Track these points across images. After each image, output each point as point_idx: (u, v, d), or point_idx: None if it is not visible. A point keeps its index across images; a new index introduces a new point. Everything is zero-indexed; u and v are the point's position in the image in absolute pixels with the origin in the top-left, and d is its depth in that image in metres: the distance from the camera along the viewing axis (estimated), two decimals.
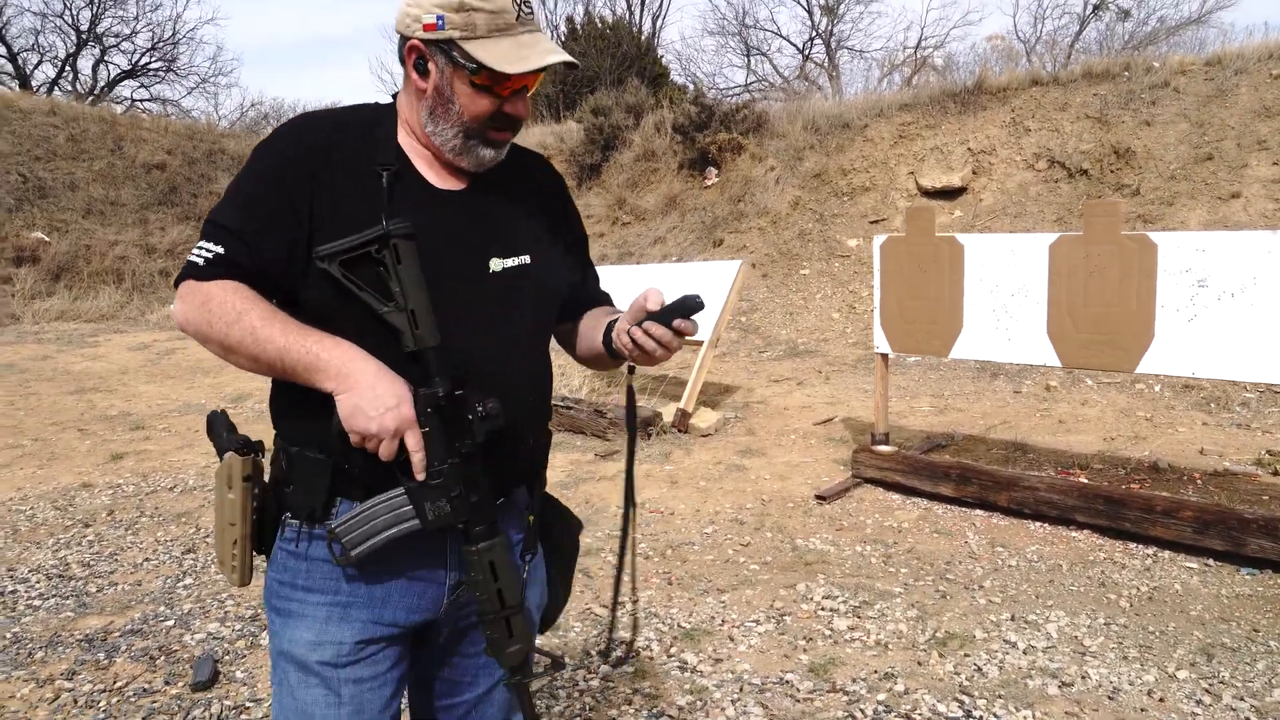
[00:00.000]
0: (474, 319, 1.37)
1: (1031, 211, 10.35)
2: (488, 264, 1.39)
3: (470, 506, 1.31)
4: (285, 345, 1.26)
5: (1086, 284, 4.29)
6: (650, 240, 12.96)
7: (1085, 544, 4.12)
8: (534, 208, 1.50)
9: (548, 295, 1.50)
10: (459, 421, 1.29)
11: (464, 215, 1.41)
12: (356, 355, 1.27)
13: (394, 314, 1.28)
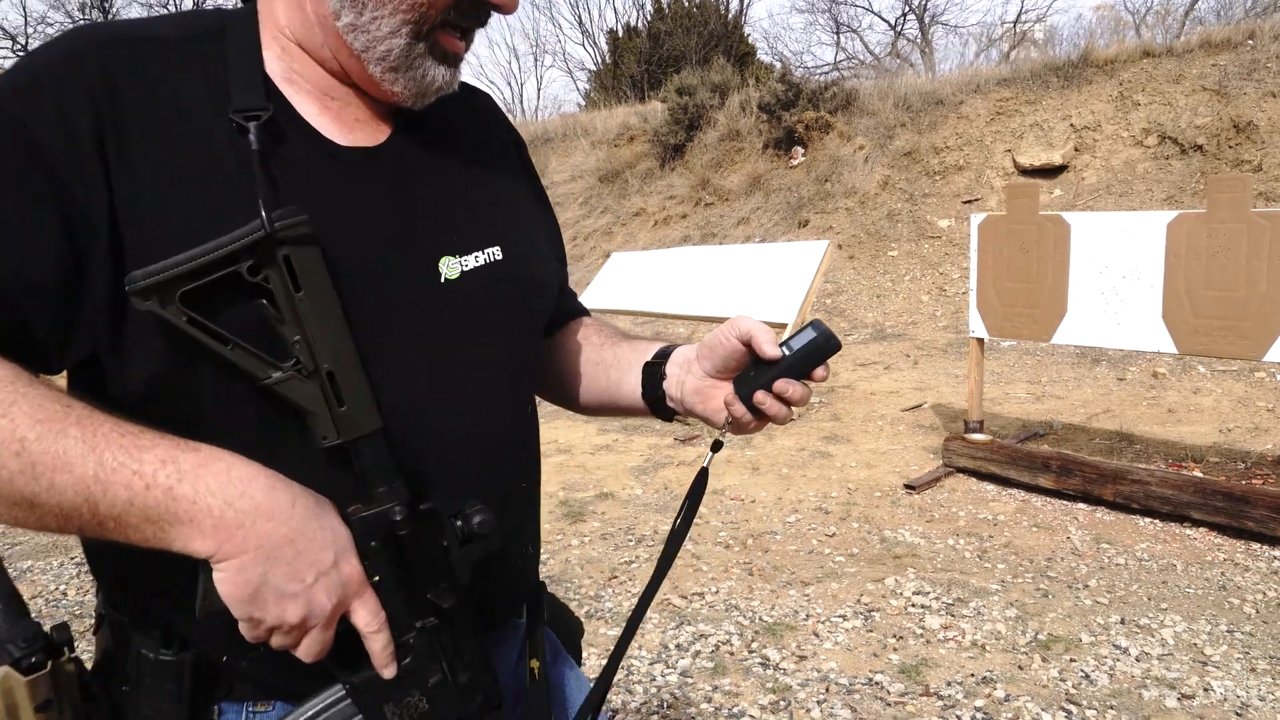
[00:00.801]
0: (422, 363, 0.86)
1: (1138, 190, 9.80)
2: (437, 267, 0.87)
3: (461, 694, 0.84)
4: (97, 473, 0.69)
5: (1208, 265, 3.97)
6: (734, 221, 12.74)
7: (1202, 543, 3.83)
8: (493, 170, 1.00)
9: (530, 308, 0.99)
10: (429, 556, 0.81)
11: (391, 189, 0.88)
12: (244, 477, 0.72)
13: (294, 383, 0.77)
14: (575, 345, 1.16)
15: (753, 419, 0.97)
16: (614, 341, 1.15)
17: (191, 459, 0.71)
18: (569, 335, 1.17)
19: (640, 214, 14.18)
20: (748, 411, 0.97)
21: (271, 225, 0.74)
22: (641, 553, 3.88)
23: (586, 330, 1.18)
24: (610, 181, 15.32)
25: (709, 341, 0.99)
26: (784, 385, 0.95)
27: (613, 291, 7.81)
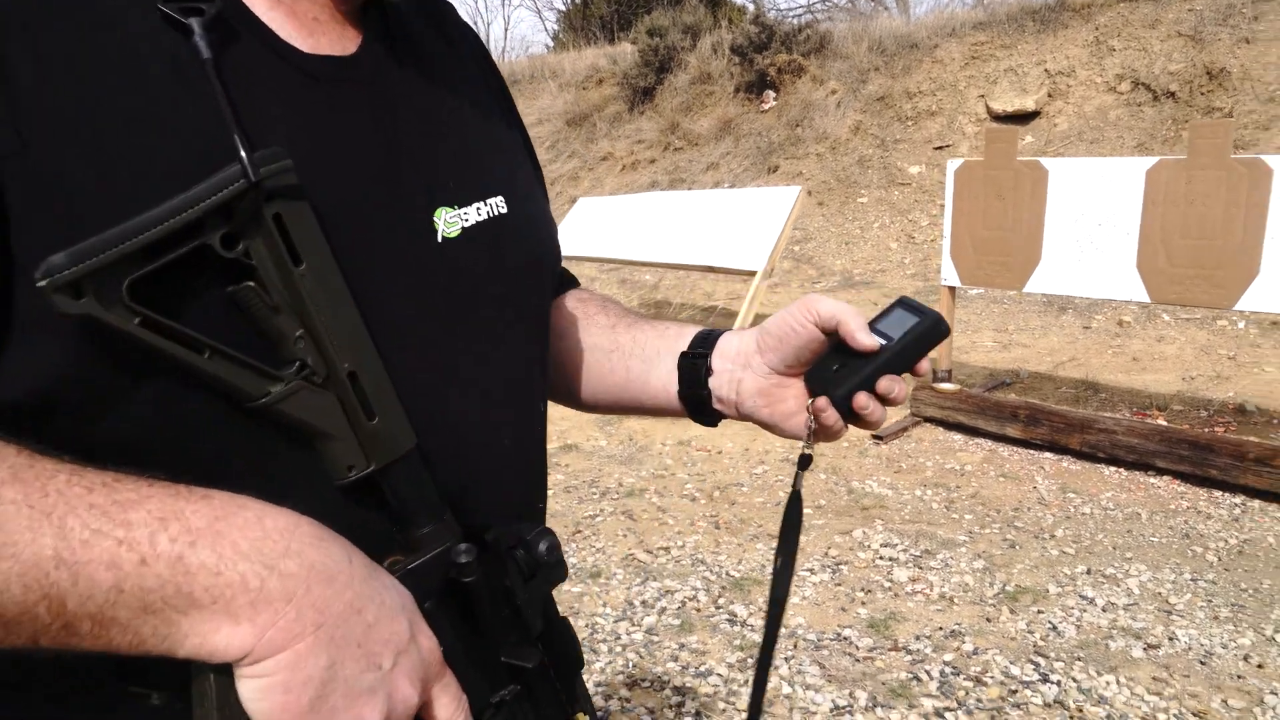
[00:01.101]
0: (433, 349, 0.68)
1: (1110, 137, 9.75)
2: (433, 222, 0.68)
3: None
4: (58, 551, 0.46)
5: (1186, 213, 3.91)
6: (703, 166, 12.55)
7: (1166, 492, 3.83)
8: (478, 99, 0.79)
9: (543, 277, 0.82)
10: (496, 606, 0.65)
11: (373, 116, 0.67)
12: (284, 528, 0.52)
13: (302, 396, 0.56)
14: (573, 325, 0.96)
15: (845, 426, 0.81)
16: (629, 323, 0.95)
17: (203, 510, 0.49)
18: (563, 312, 0.96)
19: (608, 158, 13.92)
20: (841, 418, 0.79)
21: (257, 172, 0.52)
22: (606, 506, 3.81)
23: (587, 307, 0.97)
24: (578, 125, 15.01)
25: (776, 329, 0.82)
26: (889, 384, 0.78)
27: (579, 238, 7.65)
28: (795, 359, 0.82)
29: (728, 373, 0.86)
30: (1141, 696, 2.42)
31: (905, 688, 2.50)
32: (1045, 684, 2.49)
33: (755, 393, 0.84)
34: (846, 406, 0.79)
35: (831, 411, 0.79)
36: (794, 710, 2.42)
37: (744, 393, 0.85)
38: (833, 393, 0.79)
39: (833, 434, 0.81)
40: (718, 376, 0.86)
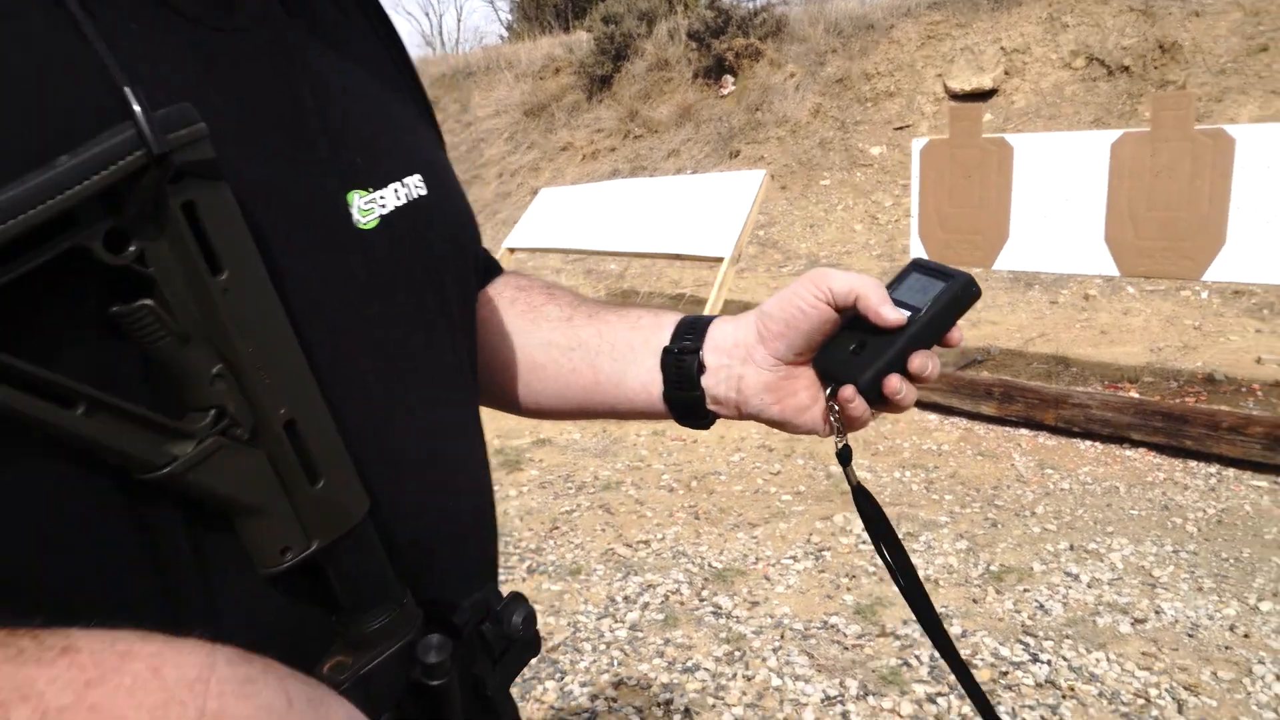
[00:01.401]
0: (364, 378, 0.55)
1: (1066, 113, 9.81)
2: (347, 207, 0.55)
3: None
4: None
5: (1151, 185, 3.91)
6: (664, 154, 12.48)
7: (1141, 464, 3.84)
8: (381, 62, 0.68)
9: (468, 270, 0.70)
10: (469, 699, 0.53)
11: (277, 76, 0.54)
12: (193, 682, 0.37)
13: (221, 460, 0.42)
14: (520, 319, 0.81)
15: (872, 414, 0.71)
16: (589, 313, 0.81)
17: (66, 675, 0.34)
18: (499, 304, 0.82)
19: (568, 148, 13.80)
20: (869, 406, 0.69)
21: (160, 140, 0.38)
22: (582, 500, 3.74)
23: (531, 296, 0.83)
24: (536, 116, 14.86)
25: (781, 313, 0.71)
26: (923, 361, 0.68)
27: (542, 229, 7.55)
28: (806, 345, 0.72)
29: (725, 369, 0.74)
30: (1132, 672, 2.40)
31: (896, 674, 2.46)
32: (1036, 664, 2.46)
33: (761, 389, 0.73)
34: (876, 392, 0.69)
35: (860, 401, 0.69)
36: (785, 702, 2.37)
37: (747, 390, 0.74)
38: (859, 378, 0.68)
39: (860, 424, 0.72)
40: (713, 374, 0.74)
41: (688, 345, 0.75)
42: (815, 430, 0.74)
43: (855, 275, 0.69)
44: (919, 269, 0.72)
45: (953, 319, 0.70)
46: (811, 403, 0.74)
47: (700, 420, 0.77)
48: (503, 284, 0.85)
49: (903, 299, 0.70)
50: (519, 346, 0.81)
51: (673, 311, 0.80)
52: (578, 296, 0.85)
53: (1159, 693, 2.31)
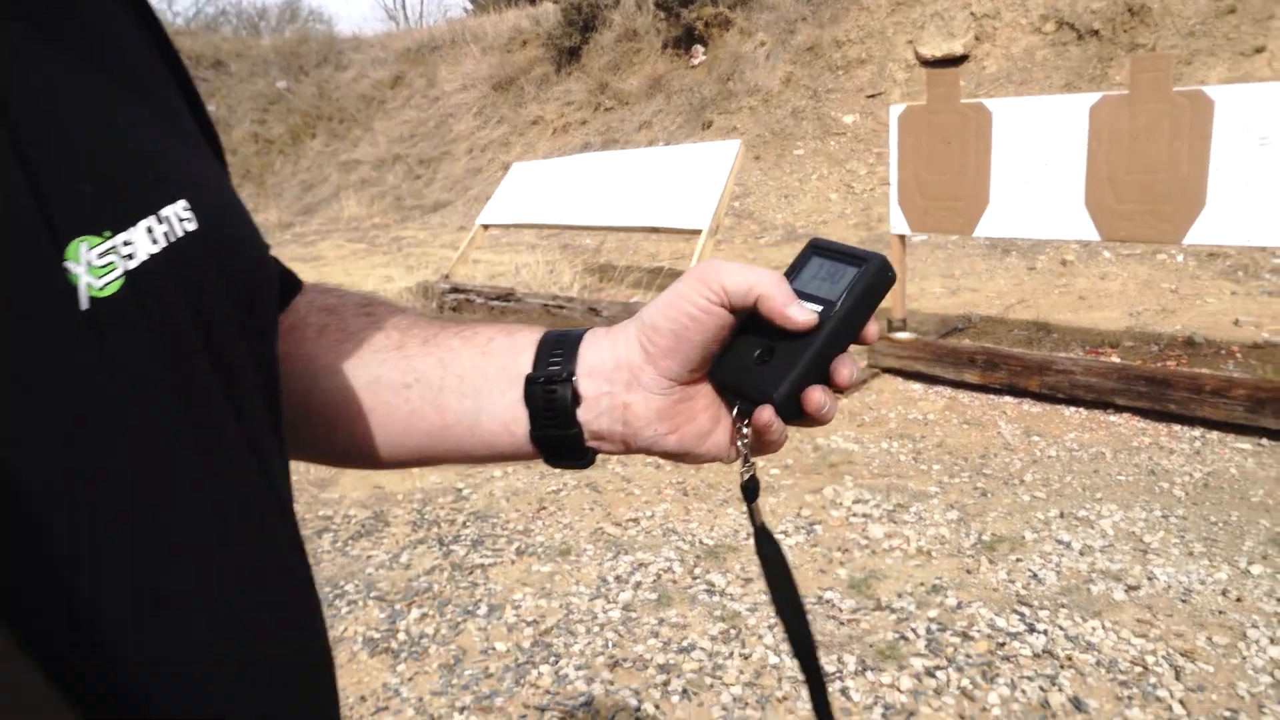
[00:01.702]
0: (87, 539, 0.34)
1: (1038, 78, 9.81)
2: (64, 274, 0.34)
3: None
4: None
5: (1131, 149, 3.89)
6: (635, 125, 12.35)
7: (1126, 429, 3.84)
8: (134, 51, 0.46)
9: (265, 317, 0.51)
10: None
11: None
12: None
13: None
14: (336, 351, 0.65)
15: (784, 436, 0.61)
16: (424, 338, 0.66)
17: None
18: (308, 334, 0.65)
19: (538, 122, 13.62)
20: (785, 427, 0.60)
21: None
22: (569, 479, 3.69)
23: (347, 320, 0.66)
24: (505, 89, 14.64)
25: (668, 323, 0.59)
26: (848, 368, 0.60)
27: (516, 205, 7.44)
28: (701, 358, 0.60)
29: (606, 397, 0.61)
30: (1128, 640, 2.40)
31: (893, 648, 2.44)
32: (1032, 634, 2.46)
33: (653, 418, 0.61)
34: (794, 409, 0.59)
35: (777, 422, 0.59)
36: (783, 680, 2.34)
37: (636, 422, 0.61)
38: (773, 394, 0.58)
39: (774, 448, 0.62)
40: (591, 404, 0.62)
41: (556, 371, 0.62)
42: (720, 458, 0.64)
43: (750, 270, 0.59)
44: (820, 252, 0.63)
45: (869, 311, 0.60)
46: (713, 425, 0.63)
47: (577, 461, 0.64)
48: (305, 307, 0.66)
49: (809, 291, 0.61)
50: (337, 388, 0.64)
51: (530, 327, 0.67)
52: (406, 315, 0.69)
53: (1156, 660, 2.31)
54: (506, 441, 0.64)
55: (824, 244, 0.63)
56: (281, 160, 17.04)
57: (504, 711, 2.29)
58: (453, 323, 0.69)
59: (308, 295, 0.68)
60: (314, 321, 0.66)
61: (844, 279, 0.60)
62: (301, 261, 9.80)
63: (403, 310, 0.70)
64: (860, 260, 0.60)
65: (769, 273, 0.59)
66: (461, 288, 6.80)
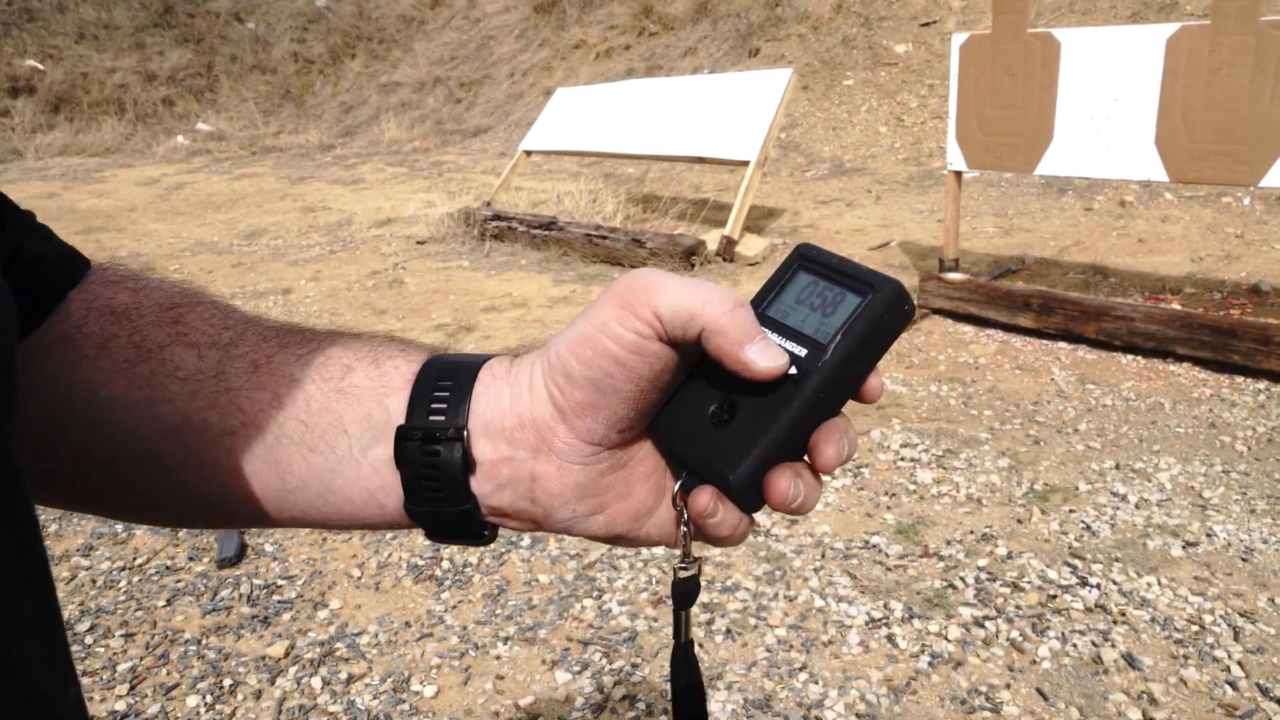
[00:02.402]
0: None
1: (1101, 7, 9.37)
2: None
3: None
4: None
5: (1209, 84, 3.68)
6: (680, 52, 12.04)
7: (1186, 379, 3.73)
8: None
9: None
10: None
11: None
12: None
13: None
14: (98, 377, 0.46)
15: (752, 521, 0.46)
16: (251, 363, 0.48)
17: None
18: (67, 349, 0.46)
19: (580, 46, 13.33)
20: (746, 512, 0.45)
21: None
22: None
23: (142, 331, 0.47)
24: (547, 11, 14.32)
25: (581, 367, 0.43)
26: (837, 445, 0.43)
27: (559, 132, 7.31)
28: (633, 413, 0.44)
29: (507, 464, 0.46)
30: (1185, 598, 2.34)
31: (941, 596, 2.40)
32: (1085, 588, 2.40)
33: (571, 495, 0.46)
34: (755, 495, 0.43)
35: (727, 512, 0.44)
36: (828, 624, 2.32)
37: (547, 499, 0.46)
38: (727, 472, 0.43)
39: (730, 541, 0.46)
40: (488, 473, 0.46)
41: (440, 424, 0.45)
42: (666, 543, 0.48)
43: (695, 289, 0.42)
44: (811, 267, 0.46)
45: (874, 358, 0.44)
46: (657, 501, 0.48)
47: (474, 539, 0.49)
48: (83, 308, 0.47)
49: (790, 323, 0.44)
50: (128, 433, 0.46)
51: (406, 348, 0.50)
52: (229, 318, 0.50)
53: (1214, 619, 2.25)
54: (372, 513, 0.48)
55: (817, 256, 0.46)
56: (321, 81, 16.89)
57: (547, 644, 2.29)
58: (294, 333, 0.50)
59: (90, 289, 0.48)
60: (95, 332, 0.46)
61: (841, 310, 0.43)
62: (342, 185, 9.76)
63: (224, 309, 0.50)
64: (865, 286, 0.43)
65: (721, 293, 0.42)
66: (504, 215, 6.72)
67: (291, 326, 0.50)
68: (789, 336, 0.44)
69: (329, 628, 2.39)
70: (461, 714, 2.07)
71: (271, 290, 5.77)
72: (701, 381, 0.45)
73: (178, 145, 12.70)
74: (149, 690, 2.17)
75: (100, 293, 0.48)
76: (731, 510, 0.44)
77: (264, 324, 0.50)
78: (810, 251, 0.47)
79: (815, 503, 0.44)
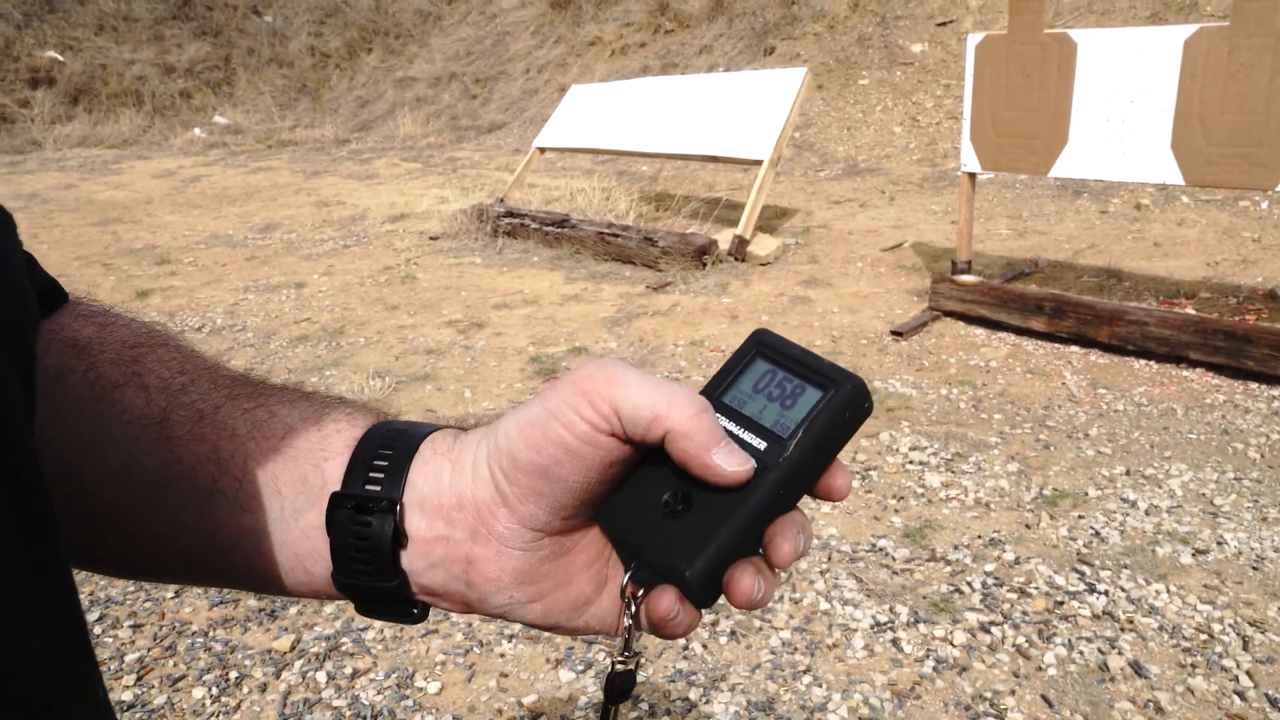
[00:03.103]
0: None
1: (1120, 7, 9.30)
2: None
3: None
4: None
5: (1226, 87, 3.65)
6: (696, 50, 12.02)
7: (1199, 384, 3.70)
8: None
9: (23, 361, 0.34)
10: None
11: None
12: None
13: None
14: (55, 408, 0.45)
15: (693, 625, 0.45)
16: (195, 413, 0.47)
17: None
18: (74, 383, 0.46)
19: (596, 43, 13.32)
20: (698, 607, 0.44)
21: None
22: None
23: (99, 370, 0.47)
24: (563, 8, 14.31)
25: (529, 453, 0.42)
26: (793, 541, 0.43)
27: (572, 129, 7.31)
28: (578, 502, 0.43)
29: (442, 544, 0.45)
30: (1194, 606, 2.32)
31: (947, 601, 2.39)
32: (1092, 594, 2.39)
33: (509, 582, 0.45)
34: (712, 592, 0.43)
35: (685, 611, 0.43)
36: (833, 627, 2.32)
37: (482, 584, 0.45)
38: (685, 571, 0.41)
39: (678, 635, 0.44)
40: (420, 551, 0.45)
41: (375, 494, 0.44)
42: (607, 632, 0.47)
43: (658, 388, 0.41)
44: (769, 355, 0.45)
45: (832, 455, 0.44)
46: (596, 590, 0.47)
47: (402, 617, 0.47)
48: (48, 336, 0.46)
49: (747, 413, 0.44)
50: (68, 475, 0.44)
51: (352, 411, 0.49)
52: (186, 363, 0.49)
53: (1223, 628, 2.24)
54: (298, 579, 0.47)
55: (775, 343, 0.46)
56: (338, 75, 16.94)
57: (552, 642, 2.30)
58: (245, 385, 0.49)
59: (58, 320, 0.47)
60: (52, 364, 0.45)
61: (801, 404, 0.43)
62: (356, 179, 9.80)
63: (185, 353, 0.49)
64: (826, 380, 0.43)
65: (685, 396, 0.41)
66: (516, 212, 6.73)
67: (244, 378, 0.50)
68: (746, 426, 0.44)
69: (335, 622, 2.40)
70: (465, 711, 2.08)
71: (284, 284, 5.80)
72: (654, 468, 0.44)
73: (194, 138, 12.77)
74: (156, 681, 2.19)
75: (68, 324, 0.48)
76: (689, 609, 0.43)
77: (220, 372, 0.49)
78: (769, 338, 0.46)
79: (771, 597, 0.43)
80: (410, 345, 4.59)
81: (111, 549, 0.48)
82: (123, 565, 0.50)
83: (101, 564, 0.50)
